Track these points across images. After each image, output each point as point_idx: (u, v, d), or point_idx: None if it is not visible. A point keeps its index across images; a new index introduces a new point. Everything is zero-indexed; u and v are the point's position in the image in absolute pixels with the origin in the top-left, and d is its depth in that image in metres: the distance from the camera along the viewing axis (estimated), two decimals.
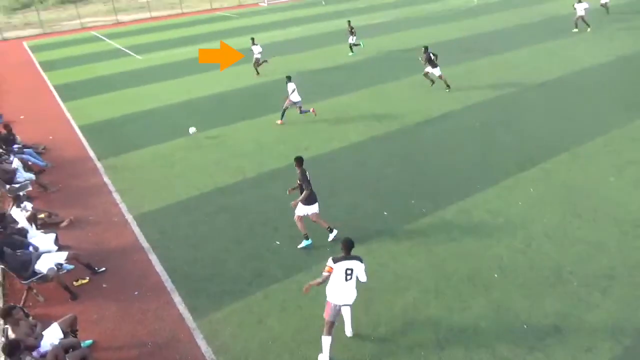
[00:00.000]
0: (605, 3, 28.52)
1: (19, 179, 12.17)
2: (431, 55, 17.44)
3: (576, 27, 24.95)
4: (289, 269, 8.85)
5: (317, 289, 7.06)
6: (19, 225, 9.66)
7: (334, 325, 6.80)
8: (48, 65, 28.73)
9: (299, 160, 9.15)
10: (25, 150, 14.02)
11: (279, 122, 15.79)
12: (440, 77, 17.58)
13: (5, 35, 42.46)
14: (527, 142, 13.16)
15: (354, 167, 12.56)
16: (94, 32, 40.74)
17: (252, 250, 9.47)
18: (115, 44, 33.80)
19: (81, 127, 17.32)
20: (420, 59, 18.09)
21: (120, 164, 13.92)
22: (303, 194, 9.06)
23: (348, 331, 7.29)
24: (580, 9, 24.60)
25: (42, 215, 10.86)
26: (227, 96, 19.53)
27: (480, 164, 12.15)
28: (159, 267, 9.20)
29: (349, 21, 25.61)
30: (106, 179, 13.05)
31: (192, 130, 15.21)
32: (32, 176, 12.63)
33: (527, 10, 32.63)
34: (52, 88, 23.46)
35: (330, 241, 9.39)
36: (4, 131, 14.51)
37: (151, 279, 8.92)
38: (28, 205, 10.41)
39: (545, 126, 14.14)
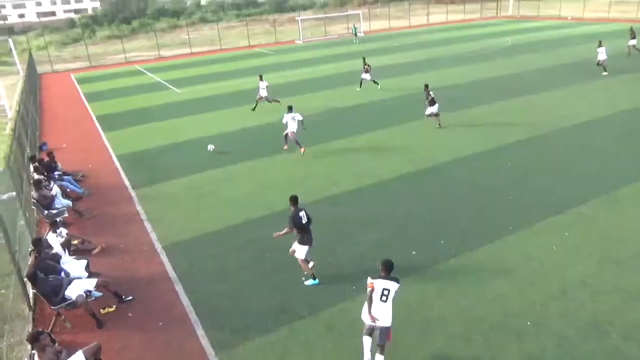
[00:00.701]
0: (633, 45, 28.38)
1: (57, 205, 12.55)
2: (430, 93, 18.10)
3: (605, 70, 24.86)
4: (314, 305, 8.70)
5: (340, 325, 6.87)
6: (53, 251, 9.90)
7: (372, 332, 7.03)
8: (92, 97, 30.06)
9: (294, 200, 9.14)
10: (64, 177, 14.52)
11: (301, 150, 16.18)
12: (437, 114, 18.08)
13: (55, 68, 44.85)
14: (561, 185, 12.79)
15: (383, 204, 12.44)
16: (137, 66, 42.57)
17: (277, 285, 9.39)
18: (156, 77, 35.17)
19: (119, 157, 17.88)
20: (426, 101, 18.34)
21: (153, 194, 14.22)
22: (298, 237, 9.12)
23: None
24: (602, 53, 24.76)
25: (75, 242, 11.11)
26: (260, 130, 19.87)
27: (512, 206, 11.85)
28: (184, 299, 9.21)
29: (364, 58, 26.61)
30: (139, 208, 13.33)
31: (210, 147, 16.09)
32: (69, 203, 13.01)
33: (562, 51, 32.38)
34: (94, 118, 24.44)
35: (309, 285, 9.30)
36: (47, 158, 15.10)
37: (176, 310, 8.92)
38: (63, 231, 10.68)
39: (580, 168, 13.75)
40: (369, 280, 6.93)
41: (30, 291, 9.17)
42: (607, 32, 40.71)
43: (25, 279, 8.89)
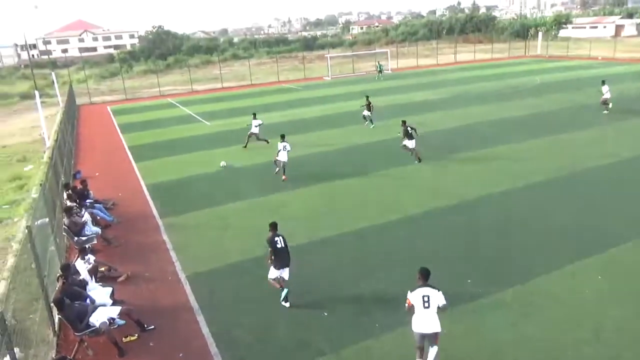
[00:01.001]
0: None
1: (86, 232, 12.79)
2: (409, 128, 18.67)
3: (606, 109, 24.93)
4: (335, 342, 8.50)
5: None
6: (81, 277, 10.03)
7: (423, 350, 7.39)
8: (126, 128, 31.06)
9: (273, 226, 9.98)
10: (95, 205, 14.86)
11: (283, 178, 17.47)
12: (413, 149, 18.58)
13: (93, 100, 46.73)
14: (593, 226, 12.38)
15: (409, 240, 12.24)
16: (170, 99, 43.98)
17: (299, 320, 9.24)
18: (187, 110, 36.18)
19: (148, 186, 18.26)
20: (399, 133, 19.23)
21: (179, 223, 14.39)
22: (272, 260, 9.74)
23: None
24: (606, 93, 25.00)
25: (102, 269, 11.25)
26: (290, 163, 19.97)
27: (542, 247, 11.49)
28: (205, 330, 9.14)
29: (367, 96, 26.68)
30: (165, 237, 13.47)
31: (223, 163, 18.62)
32: (98, 230, 13.26)
33: (591, 91, 31.99)
34: (127, 149, 25.16)
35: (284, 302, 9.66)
36: (80, 186, 15.52)
37: (197, 341, 8.85)
38: (91, 258, 10.86)
39: (612, 209, 13.32)
40: (408, 296, 7.46)
41: (56, 316, 9.26)
42: (637, 72, 40.14)
43: (52, 304, 9.00)
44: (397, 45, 68.31)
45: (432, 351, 7.41)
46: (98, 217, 14.28)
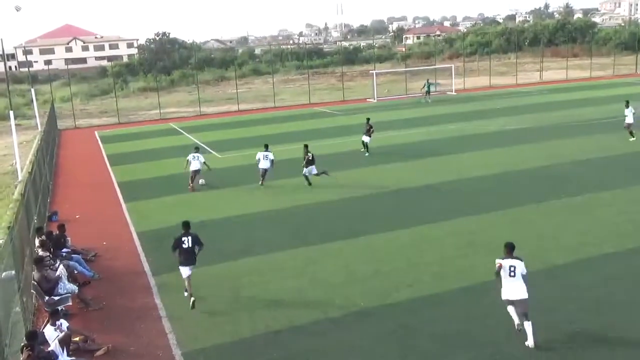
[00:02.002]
0: None
1: (60, 291, 13.02)
2: (309, 154, 22.69)
3: (632, 135, 27.54)
4: None
5: None
6: (50, 348, 10.20)
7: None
8: (116, 159, 32.11)
9: (185, 225, 13.47)
10: (73, 256, 15.24)
11: (261, 182, 23.26)
12: (317, 174, 22.72)
13: (78, 123, 48.71)
14: None
15: (474, 316, 11.97)
16: (172, 124, 45.38)
17: None
18: (194, 138, 37.18)
19: (140, 234, 18.65)
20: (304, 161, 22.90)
21: (176, 283, 14.48)
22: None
23: (530, 342, 10.47)
24: (629, 116, 27.69)
25: (76, 339, 11.41)
26: (320, 209, 20.20)
27: None
28: None
29: (368, 119, 29.28)
30: (157, 301, 13.62)
31: (202, 181, 23.94)
32: (74, 288, 13.51)
33: None
34: (116, 185, 25.94)
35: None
36: (56, 231, 15.99)
37: None
38: (64, 324, 11.05)
39: None
40: (497, 260, 10.67)
41: None
42: None
43: None
44: (463, 60, 68.89)
45: (528, 326, 10.53)
46: (75, 272, 14.59)
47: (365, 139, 28.46)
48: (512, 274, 10.53)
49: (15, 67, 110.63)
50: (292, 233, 17.76)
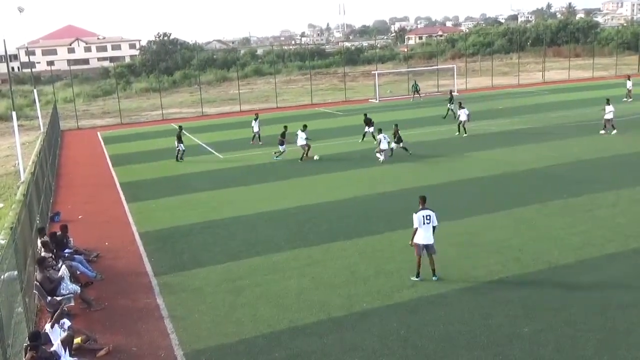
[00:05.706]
0: None
1: (62, 291, 13.07)
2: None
3: (611, 129, 29.61)
4: None
5: None
6: (52, 348, 10.21)
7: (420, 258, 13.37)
8: (119, 159, 32.14)
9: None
10: (75, 256, 15.25)
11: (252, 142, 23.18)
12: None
13: (81, 124, 48.79)
14: None
15: (479, 319, 11.93)
16: (175, 125, 45.30)
17: None
18: (196, 139, 37.19)
19: (142, 234, 18.65)
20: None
21: (179, 284, 14.55)
22: None
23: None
24: (609, 113, 29.54)
25: (79, 339, 11.43)
26: (321, 209, 20.17)
27: None
28: None
29: (366, 114, 32.04)
30: (160, 301, 13.63)
31: (316, 157, 26.50)
32: (77, 289, 13.53)
33: None
34: (118, 186, 25.95)
35: None
36: (59, 232, 16.00)
37: None
38: (66, 323, 11.08)
39: None
40: (413, 215, 13.38)
41: None
42: None
43: None
44: (466, 60, 68.83)
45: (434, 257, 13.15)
46: (78, 272, 14.61)
47: (368, 129, 30.93)
48: (428, 221, 13.20)
49: (18, 67, 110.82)
50: (293, 233, 17.76)
